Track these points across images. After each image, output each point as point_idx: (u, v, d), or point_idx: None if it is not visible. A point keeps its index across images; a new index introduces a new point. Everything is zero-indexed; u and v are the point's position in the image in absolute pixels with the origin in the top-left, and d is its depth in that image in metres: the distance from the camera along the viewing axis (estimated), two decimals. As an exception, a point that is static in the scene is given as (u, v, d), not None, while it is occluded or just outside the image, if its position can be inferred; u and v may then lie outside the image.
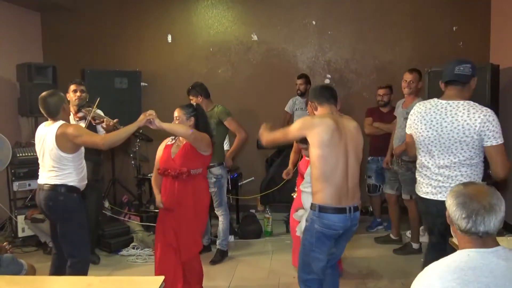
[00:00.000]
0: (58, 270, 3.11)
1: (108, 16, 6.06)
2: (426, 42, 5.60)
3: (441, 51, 5.46)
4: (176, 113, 3.28)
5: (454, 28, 5.57)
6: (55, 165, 2.96)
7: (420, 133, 2.67)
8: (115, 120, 3.57)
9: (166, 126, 3.08)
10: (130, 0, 6.06)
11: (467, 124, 2.50)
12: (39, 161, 3.07)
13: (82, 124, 3.58)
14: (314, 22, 5.87)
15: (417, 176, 2.78)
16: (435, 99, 2.69)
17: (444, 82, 2.70)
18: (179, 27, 6.06)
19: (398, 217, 4.65)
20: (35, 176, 4.38)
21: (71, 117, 3.90)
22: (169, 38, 6.07)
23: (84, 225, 3.09)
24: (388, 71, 5.71)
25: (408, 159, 4.22)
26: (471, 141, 2.50)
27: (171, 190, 3.19)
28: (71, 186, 2.99)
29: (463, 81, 2.62)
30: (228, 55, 6.01)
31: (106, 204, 5.32)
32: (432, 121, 2.61)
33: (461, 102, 2.58)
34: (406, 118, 4.07)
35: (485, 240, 1.48)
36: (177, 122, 3.23)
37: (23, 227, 4.61)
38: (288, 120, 5.51)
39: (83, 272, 3.03)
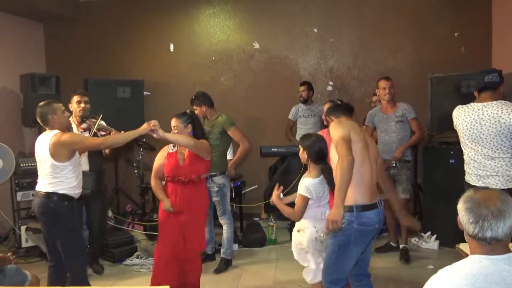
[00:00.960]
0: (55, 282, 3.09)
1: (111, 26, 6.09)
2: (428, 48, 5.60)
3: (443, 57, 5.47)
4: (173, 123, 3.34)
5: (456, 34, 5.57)
6: (49, 173, 2.98)
7: (463, 132, 3.19)
8: (121, 132, 3.57)
9: (169, 136, 3.18)
10: (132, 10, 6.10)
11: (502, 118, 2.98)
12: (38, 169, 3.11)
13: (87, 135, 3.58)
14: (315, 30, 5.89)
15: (466, 169, 3.28)
16: (472, 104, 3.23)
17: (477, 90, 3.29)
18: (181, 36, 6.09)
19: (395, 222, 4.65)
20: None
21: (74, 128, 3.90)
22: (171, 47, 6.10)
23: (76, 231, 3.12)
24: (390, 78, 5.70)
25: (408, 158, 4.41)
26: (508, 133, 2.98)
27: (181, 195, 3.30)
28: (63, 194, 3.00)
29: (493, 87, 3.19)
30: (230, 64, 6.03)
31: (110, 213, 5.31)
32: (471, 122, 3.13)
33: (494, 102, 3.09)
34: (398, 122, 4.33)
35: (494, 246, 1.46)
36: (175, 132, 3.31)
37: (27, 238, 4.60)
38: (291, 127, 5.51)
39: (82, 277, 3.05)
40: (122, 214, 5.61)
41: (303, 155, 2.92)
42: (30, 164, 4.65)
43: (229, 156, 4.61)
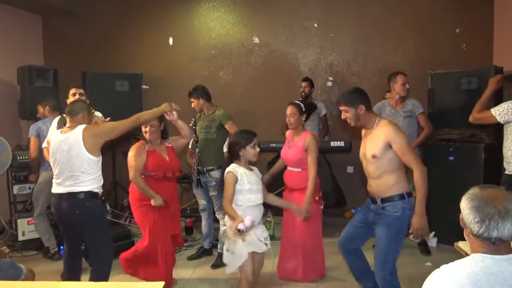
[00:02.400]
0: (73, 273, 3.16)
1: (109, 19, 6.05)
2: (429, 44, 5.56)
3: (444, 53, 5.43)
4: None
5: (457, 30, 5.53)
6: (82, 171, 2.92)
7: None
8: (107, 119, 3.70)
9: (180, 121, 3.49)
10: (132, 3, 6.05)
11: None
12: (55, 170, 3.01)
13: None
14: (316, 25, 5.85)
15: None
16: None
17: None
18: (180, 29, 6.05)
19: None
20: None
21: None
22: (171, 40, 6.06)
23: (108, 229, 3.23)
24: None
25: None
26: None
27: (172, 190, 3.50)
28: (95, 193, 2.99)
29: None
30: (230, 58, 5.99)
31: (107, 207, 5.28)
32: None
33: None
34: (406, 117, 4.30)
35: (498, 246, 1.43)
36: (153, 129, 3.42)
37: (23, 231, 4.57)
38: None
39: (105, 276, 3.07)
40: (120, 209, 5.59)
41: None
42: (27, 157, 4.62)
43: (225, 149, 4.56)
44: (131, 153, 3.39)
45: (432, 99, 4.75)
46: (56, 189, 3.00)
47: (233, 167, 2.94)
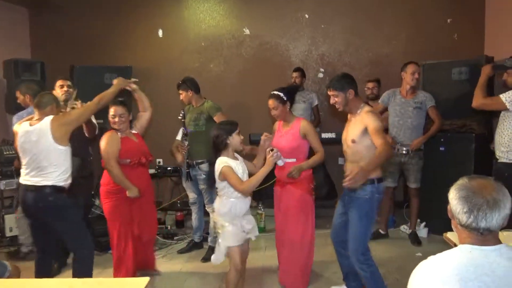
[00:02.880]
0: (42, 271, 3.11)
1: (98, 11, 5.96)
2: (420, 34, 5.54)
3: (435, 44, 5.41)
4: (119, 111, 3.43)
5: (448, 21, 5.51)
6: (49, 162, 2.93)
7: None
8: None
9: (139, 93, 3.55)
10: (120, -5, 5.96)
11: None
12: (23, 161, 3.01)
13: None
14: (307, 16, 5.80)
15: None
16: None
17: None
18: (170, 21, 5.97)
19: (389, 211, 4.66)
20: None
21: None
22: (160, 32, 5.98)
23: (80, 222, 3.14)
24: (382, 64, 5.66)
25: (421, 148, 4.32)
26: None
27: (143, 177, 3.49)
28: (59, 186, 2.97)
29: None
30: (220, 50, 5.93)
31: (96, 202, 5.24)
32: None
33: None
34: (415, 108, 4.25)
35: (486, 237, 1.41)
36: (123, 120, 3.43)
37: (11, 227, 4.52)
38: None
39: (88, 266, 3.10)
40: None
41: None
42: (13, 152, 4.55)
43: None
44: (104, 141, 3.34)
45: (424, 90, 4.73)
46: (22, 179, 3.02)
47: (225, 160, 2.85)
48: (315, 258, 3.65)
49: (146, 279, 1.92)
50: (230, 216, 2.89)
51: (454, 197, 1.44)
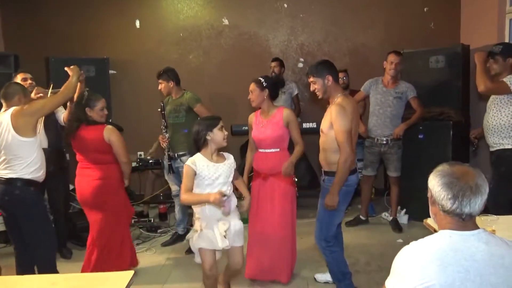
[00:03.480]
0: (24, 269, 3.02)
1: (73, 1, 5.81)
2: (398, 23, 5.59)
3: (412, 32, 5.48)
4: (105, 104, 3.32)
5: (425, 9, 5.57)
6: (12, 155, 2.84)
7: None
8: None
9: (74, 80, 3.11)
10: (95, -16, 5.82)
11: None
12: None
13: None
14: (285, 5, 5.78)
15: None
16: None
17: None
18: (147, 12, 5.87)
19: (369, 198, 4.73)
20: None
21: None
22: (137, 23, 5.88)
23: (45, 219, 3.02)
24: (360, 54, 5.70)
25: (400, 137, 4.35)
26: None
27: None
28: (27, 180, 2.88)
29: None
30: (199, 40, 5.87)
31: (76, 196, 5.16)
32: None
33: None
34: (396, 97, 4.21)
35: (467, 222, 1.44)
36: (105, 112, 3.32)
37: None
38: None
39: (51, 265, 2.98)
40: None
41: None
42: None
43: None
44: (117, 135, 3.23)
45: (402, 77, 4.78)
46: None
47: (192, 160, 2.66)
48: (299, 247, 3.69)
49: (130, 273, 1.90)
50: (202, 216, 2.75)
51: (436, 184, 1.45)
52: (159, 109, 4.11)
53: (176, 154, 4.04)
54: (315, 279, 3.45)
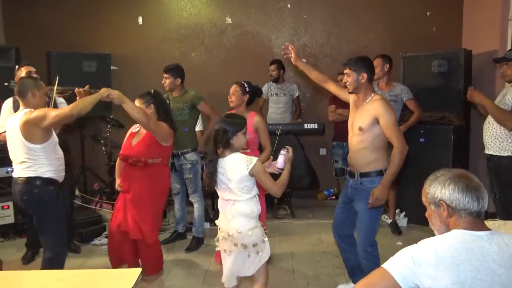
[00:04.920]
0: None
1: (75, -4, 5.78)
2: (400, 27, 5.60)
3: (415, 36, 5.48)
4: (136, 104, 3.24)
5: (428, 13, 5.58)
6: (27, 156, 2.81)
7: None
8: (86, 87, 3.35)
9: (127, 103, 3.01)
10: (99, -20, 5.79)
11: None
12: (10, 153, 2.92)
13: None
14: (289, 6, 5.78)
15: None
16: None
17: None
18: (150, 8, 5.85)
19: None
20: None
21: None
22: (140, 20, 5.86)
23: (61, 219, 2.98)
24: (362, 56, 5.70)
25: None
26: None
27: (128, 174, 3.29)
28: (47, 178, 2.85)
29: None
30: (202, 38, 5.86)
31: (76, 192, 5.15)
32: None
33: None
34: (390, 100, 4.32)
35: (481, 222, 1.50)
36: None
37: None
38: (262, 105, 5.44)
39: (61, 263, 2.97)
40: (90, 193, 5.46)
41: None
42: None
43: (198, 127, 4.48)
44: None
45: (404, 82, 4.81)
46: (13, 172, 2.94)
47: (249, 157, 2.50)
48: (298, 248, 3.70)
49: (138, 270, 1.90)
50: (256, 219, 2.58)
51: (453, 191, 1.50)
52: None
53: (179, 152, 4.03)
54: None
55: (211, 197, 5.23)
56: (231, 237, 2.47)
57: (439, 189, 1.53)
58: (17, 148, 2.83)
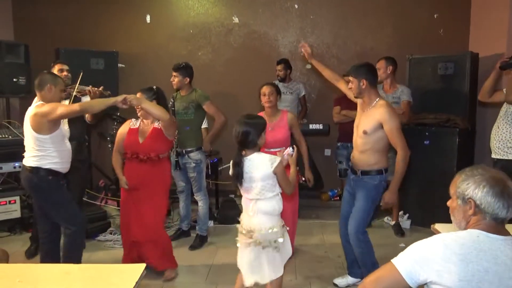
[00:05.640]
0: (48, 253, 3.21)
1: (84, -6, 5.83)
2: (407, 29, 5.60)
3: (421, 38, 5.48)
4: (138, 96, 3.27)
5: (435, 16, 5.58)
6: (33, 146, 2.99)
7: None
8: (100, 88, 3.63)
9: (147, 105, 3.16)
10: (107, -22, 5.84)
11: None
12: (24, 141, 3.12)
13: (67, 102, 3.46)
14: (296, 6, 5.80)
15: None
16: None
17: None
18: (158, 7, 5.89)
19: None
20: (7, 159, 4.24)
21: None
22: (148, 18, 5.90)
23: (66, 202, 3.13)
24: (369, 58, 5.61)
25: None
26: None
27: (138, 172, 3.33)
28: (47, 169, 3.01)
29: None
30: (209, 37, 5.89)
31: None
32: None
33: None
34: (393, 102, 4.33)
35: (500, 227, 1.50)
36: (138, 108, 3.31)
37: (-5, 212, 4.44)
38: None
39: (79, 239, 3.16)
40: (95, 189, 5.51)
41: None
42: (7, 135, 4.40)
43: (203, 125, 4.49)
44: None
45: (410, 84, 4.81)
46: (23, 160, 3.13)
47: (272, 156, 2.57)
48: (300, 247, 3.71)
49: (142, 265, 1.92)
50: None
51: (488, 194, 1.48)
52: (169, 105, 4.13)
53: (184, 151, 4.06)
54: (335, 285, 3.38)
55: (215, 196, 5.27)
56: (251, 233, 2.52)
57: (472, 188, 1.51)
58: (28, 138, 3.02)
